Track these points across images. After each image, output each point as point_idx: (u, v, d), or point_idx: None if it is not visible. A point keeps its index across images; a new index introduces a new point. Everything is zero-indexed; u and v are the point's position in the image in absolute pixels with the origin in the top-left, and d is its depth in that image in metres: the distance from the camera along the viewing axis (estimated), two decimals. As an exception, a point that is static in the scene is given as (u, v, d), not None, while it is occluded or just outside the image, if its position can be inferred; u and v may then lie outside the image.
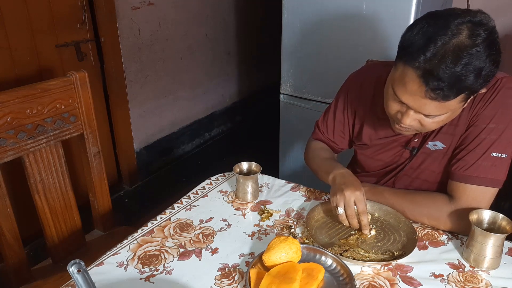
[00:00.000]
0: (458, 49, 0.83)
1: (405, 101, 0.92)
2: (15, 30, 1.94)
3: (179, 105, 3.07)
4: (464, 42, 0.83)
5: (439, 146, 1.09)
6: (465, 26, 0.84)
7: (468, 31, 0.84)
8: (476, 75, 0.84)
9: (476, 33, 0.83)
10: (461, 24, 0.84)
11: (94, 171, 1.42)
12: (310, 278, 0.87)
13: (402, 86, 0.91)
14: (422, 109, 0.91)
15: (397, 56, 0.93)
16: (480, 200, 1.02)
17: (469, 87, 0.86)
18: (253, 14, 3.64)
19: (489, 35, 0.84)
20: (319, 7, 1.98)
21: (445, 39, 0.83)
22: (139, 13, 2.55)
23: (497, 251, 0.94)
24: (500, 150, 1.00)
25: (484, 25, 0.85)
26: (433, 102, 0.88)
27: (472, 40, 0.83)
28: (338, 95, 1.29)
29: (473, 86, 0.86)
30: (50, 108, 1.25)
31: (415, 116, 0.94)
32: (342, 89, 1.28)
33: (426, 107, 0.90)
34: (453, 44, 0.83)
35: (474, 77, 0.84)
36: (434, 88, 0.85)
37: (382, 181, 1.24)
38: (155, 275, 0.94)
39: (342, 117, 1.27)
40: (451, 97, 0.86)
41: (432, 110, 0.90)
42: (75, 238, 1.42)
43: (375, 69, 1.21)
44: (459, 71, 0.83)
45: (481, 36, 0.83)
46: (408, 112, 0.94)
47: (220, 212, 1.16)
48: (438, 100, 0.87)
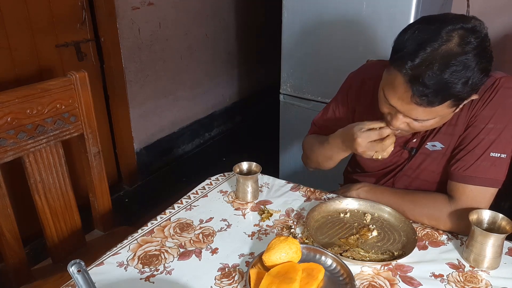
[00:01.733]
0: (447, 56, 0.83)
1: (394, 105, 0.94)
2: (15, 30, 1.94)
3: (179, 105, 3.07)
4: (453, 49, 0.83)
5: (438, 147, 1.09)
6: (456, 33, 0.84)
7: (459, 39, 0.83)
8: (464, 83, 0.84)
9: (466, 41, 0.83)
10: (452, 31, 0.84)
11: (94, 171, 1.42)
12: (310, 278, 0.87)
13: (392, 90, 0.92)
14: (409, 113, 0.92)
15: (390, 59, 0.94)
16: (479, 200, 1.02)
17: (455, 95, 0.86)
18: (253, 14, 3.64)
19: (480, 43, 0.84)
20: (319, 7, 1.98)
21: (435, 45, 0.84)
22: (139, 13, 2.55)
23: (497, 251, 0.94)
24: (499, 150, 1.00)
25: (476, 33, 0.85)
26: (420, 108, 0.89)
27: (461, 48, 0.83)
28: (338, 94, 1.29)
29: (459, 93, 0.86)
30: (50, 108, 1.25)
31: (404, 119, 0.96)
32: (342, 88, 1.29)
33: (413, 112, 0.91)
34: (442, 51, 0.83)
35: (461, 85, 0.84)
36: (419, 94, 0.86)
37: (381, 181, 1.24)
38: (155, 275, 0.94)
39: (340, 115, 1.27)
40: (436, 103, 0.87)
41: (420, 115, 0.91)
42: (75, 238, 1.42)
43: (375, 68, 1.21)
44: (446, 78, 0.83)
45: (472, 44, 0.83)
46: (397, 115, 0.96)
47: (220, 212, 1.16)
48: (424, 105, 0.87)
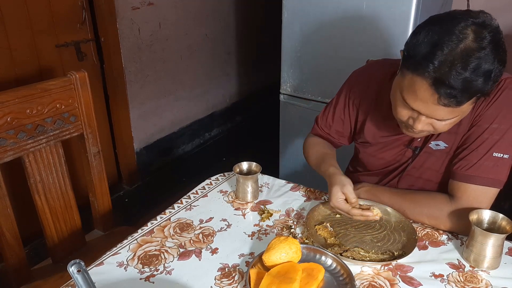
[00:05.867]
0: (466, 54, 0.82)
1: (417, 108, 0.92)
2: (15, 30, 1.94)
3: (179, 105, 3.07)
4: (471, 46, 0.82)
5: (442, 146, 1.09)
6: (470, 30, 0.83)
7: (474, 34, 0.83)
8: (486, 78, 0.84)
9: (481, 36, 0.83)
10: (465, 28, 0.84)
11: (94, 171, 1.42)
12: (310, 278, 0.87)
13: (412, 94, 0.90)
14: (434, 114, 0.91)
15: (403, 64, 0.92)
16: (481, 200, 1.02)
17: (481, 90, 0.85)
18: (253, 14, 3.64)
19: (494, 36, 0.84)
20: (319, 7, 1.98)
21: (451, 45, 0.83)
22: (139, 13, 2.55)
23: (497, 251, 0.94)
24: (502, 151, 1.00)
25: (488, 26, 0.84)
26: (446, 108, 0.88)
27: (478, 43, 0.83)
28: (340, 91, 1.28)
29: (484, 88, 0.85)
30: (50, 108, 1.25)
31: (427, 120, 0.94)
32: (345, 85, 1.27)
33: (438, 113, 0.90)
34: (460, 50, 0.82)
35: (484, 80, 0.84)
36: (447, 96, 0.85)
37: (385, 181, 1.24)
38: (155, 275, 0.94)
39: (342, 113, 1.27)
40: (464, 102, 0.86)
41: (445, 115, 0.90)
42: (75, 238, 1.42)
43: (381, 67, 1.20)
44: (469, 76, 0.82)
45: (487, 38, 0.83)
46: (420, 117, 0.94)
47: (220, 212, 1.16)
48: (452, 106, 0.87)
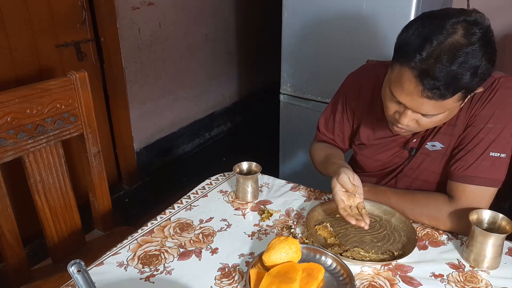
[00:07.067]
0: (454, 48, 0.83)
1: (403, 101, 0.93)
2: (15, 30, 1.94)
3: (179, 105, 3.07)
4: (459, 41, 0.83)
5: (438, 147, 1.09)
6: (460, 26, 0.84)
7: (463, 30, 0.84)
8: (472, 74, 0.84)
9: (471, 32, 0.84)
10: (456, 23, 0.85)
11: (94, 171, 1.42)
12: (310, 278, 0.87)
13: (399, 86, 0.91)
14: (419, 108, 0.92)
15: (394, 57, 0.94)
16: (479, 200, 1.02)
17: (466, 86, 0.86)
18: (253, 14, 3.64)
19: (484, 34, 0.85)
20: (319, 7, 1.98)
21: (441, 38, 0.84)
22: (139, 13, 2.55)
23: (497, 251, 0.94)
24: (499, 150, 1.00)
25: (479, 24, 0.85)
26: (430, 101, 0.88)
27: (467, 39, 0.84)
28: (336, 96, 1.29)
29: (469, 84, 0.86)
30: (50, 108, 1.25)
31: (413, 115, 0.95)
32: (340, 89, 1.28)
33: (423, 107, 0.91)
34: (449, 43, 0.83)
35: (470, 76, 0.84)
36: (430, 87, 0.85)
37: (382, 182, 1.24)
38: (155, 275, 0.94)
39: (341, 118, 1.27)
40: (448, 96, 0.86)
41: (430, 109, 0.91)
42: (75, 238, 1.42)
43: (373, 69, 1.21)
44: (455, 70, 0.83)
45: (476, 34, 0.84)
46: (405, 112, 0.95)
47: (220, 212, 1.16)
48: (435, 99, 0.87)
